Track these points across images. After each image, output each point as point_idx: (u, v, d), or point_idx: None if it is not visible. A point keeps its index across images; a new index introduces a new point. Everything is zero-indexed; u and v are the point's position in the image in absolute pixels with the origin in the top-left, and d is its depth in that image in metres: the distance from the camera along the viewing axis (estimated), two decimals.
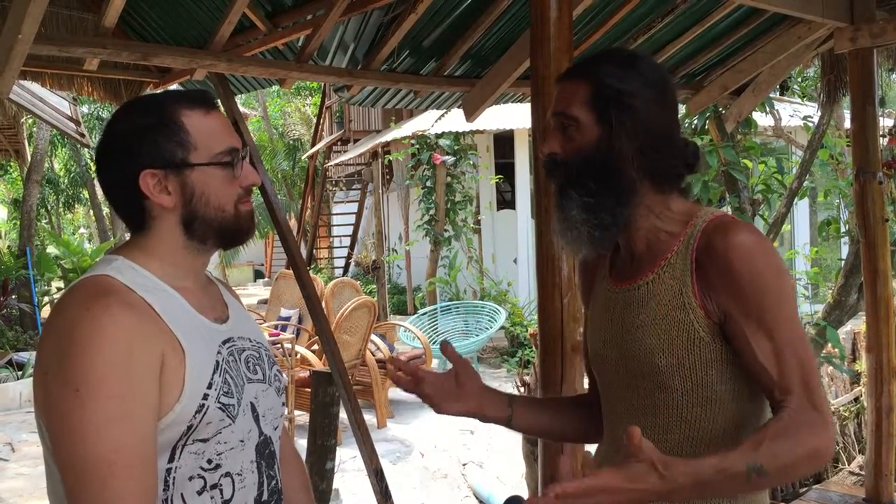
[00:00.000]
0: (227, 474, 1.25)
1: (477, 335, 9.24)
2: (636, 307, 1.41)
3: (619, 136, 1.37)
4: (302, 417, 6.22)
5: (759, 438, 1.23)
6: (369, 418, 4.93)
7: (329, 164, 16.93)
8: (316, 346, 7.02)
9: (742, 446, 1.23)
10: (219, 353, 1.28)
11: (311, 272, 5.79)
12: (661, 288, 1.38)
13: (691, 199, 1.49)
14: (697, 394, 1.36)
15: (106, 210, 17.19)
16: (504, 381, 8.57)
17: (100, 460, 1.10)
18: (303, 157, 19.27)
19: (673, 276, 1.37)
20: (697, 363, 1.35)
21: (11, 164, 14.91)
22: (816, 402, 1.27)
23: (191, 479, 1.22)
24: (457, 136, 11.20)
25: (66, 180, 19.75)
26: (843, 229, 5.88)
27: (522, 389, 4.48)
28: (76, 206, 21.98)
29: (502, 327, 9.45)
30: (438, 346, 1.62)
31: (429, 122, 10.83)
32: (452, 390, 1.58)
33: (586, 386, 1.70)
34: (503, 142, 12.64)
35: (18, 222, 12.97)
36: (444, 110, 4.92)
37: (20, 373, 8.26)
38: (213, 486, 1.24)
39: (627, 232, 1.43)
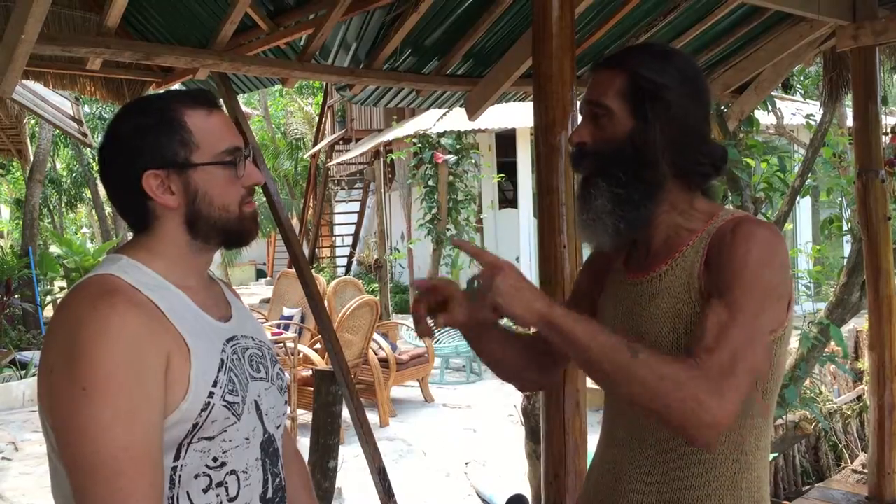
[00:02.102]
0: (233, 472, 1.26)
1: None
2: (647, 300, 1.40)
3: (653, 130, 1.36)
4: (305, 416, 6.23)
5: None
6: (372, 417, 4.94)
7: (331, 163, 16.94)
8: (318, 345, 7.03)
9: None
10: (223, 351, 1.28)
11: (313, 271, 5.79)
12: (673, 280, 1.37)
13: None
14: None
15: (108, 209, 17.22)
16: None
17: (107, 459, 1.11)
18: (305, 157, 19.29)
19: (684, 269, 1.37)
20: None
21: (14, 163, 14.93)
22: (726, 379, 1.20)
23: (196, 477, 1.22)
24: (459, 134, 11.20)
25: (68, 180, 19.81)
26: (845, 227, 5.87)
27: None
28: (78, 205, 22.06)
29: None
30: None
31: (431, 121, 10.83)
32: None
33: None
34: (505, 141, 12.64)
35: (21, 222, 13.00)
36: (447, 109, 4.92)
37: (23, 372, 8.28)
38: (219, 484, 1.24)
39: (648, 227, 1.42)
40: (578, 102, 2.38)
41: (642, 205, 1.38)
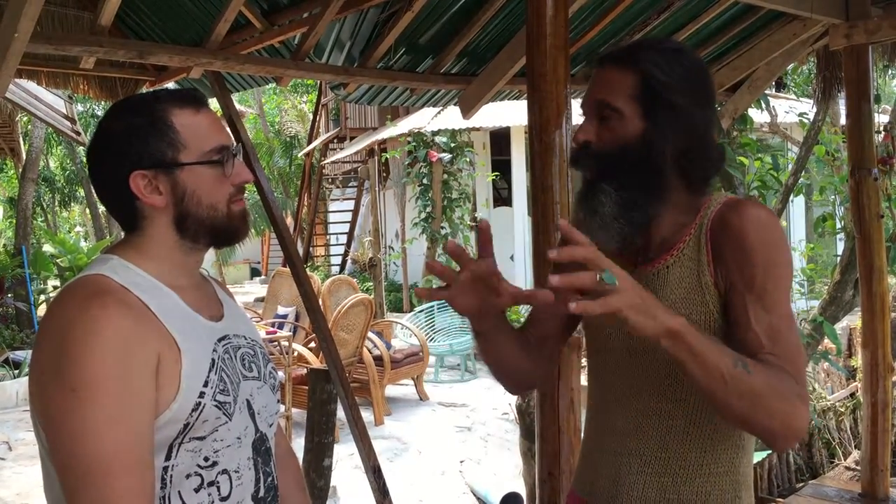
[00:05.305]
0: (225, 471, 1.26)
1: None
2: (654, 292, 1.37)
3: (662, 135, 1.34)
4: (300, 415, 6.22)
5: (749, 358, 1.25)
6: (367, 416, 4.94)
7: (325, 161, 16.93)
8: (313, 344, 7.02)
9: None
10: (214, 350, 1.28)
11: (307, 270, 5.79)
12: (679, 271, 1.37)
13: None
14: None
15: (102, 208, 17.18)
16: None
17: (98, 460, 1.10)
18: (299, 155, 19.27)
19: (690, 258, 1.37)
20: None
21: (7, 162, 14.90)
22: (802, 379, 1.28)
23: (188, 476, 1.22)
24: (453, 133, 11.20)
25: (61, 178, 19.75)
26: (838, 225, 5.89)
27: None
28: (72, 204, 21.99)
29: None
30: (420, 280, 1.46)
31: (425, 119, 10.84)
32: (476, 291, 1.34)
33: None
34: (499, 139, 12.65)
35: (14, 221, 12.94)
36: (441, 108, 4.92)
37: (17, 371, 8.26)
38: (211, 484, 1.24)
39: (648, 224, 1.41)
40: (573, 100, 2.40)
41: (647, 208, 1.37)
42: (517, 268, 11.78)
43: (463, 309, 1.36)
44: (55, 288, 12.17)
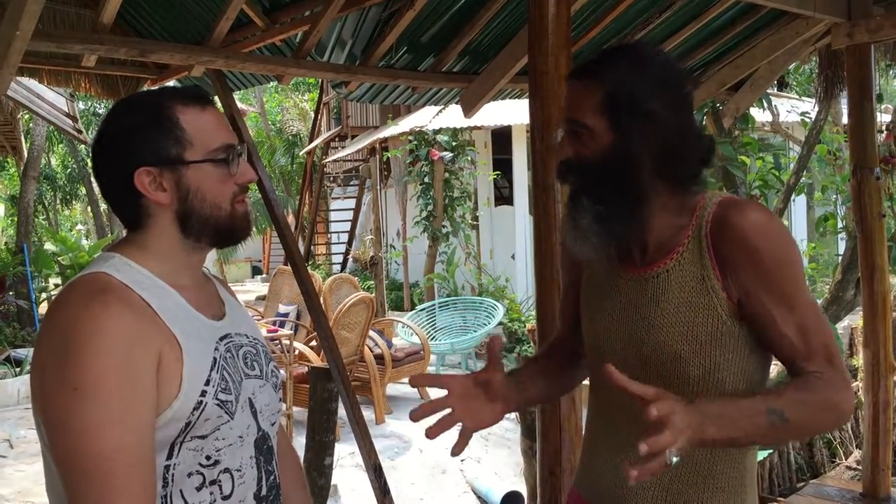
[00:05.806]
0: (227, 470, 1.25)
1: (475, 331, 9.24)
2: (655, 296, 1.39)
3: (632, 143, 1.34)
4: (300, 413, 6.22)
5: (782, 389, 1.27)
6: (367, 414, 4.94)
7: (327, 160, 16.92)
8: (314, 343, 7.02)
9: (763, 394, 1.28)
10: (216, 349, 1.28)
11: (309, 268, 5.78)
12: (682, 275, 1.37)
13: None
14: (713, 377, 1.35)
15: (103, 206, 17.19)
16: None
17: (100, 459, 1.10)
18: (300, 154, 19.26)
19: (692, 262, 1.37)
20: (718, 348, 1.34)
21: (8, 160, 14.89)
22: (837, 363, 1.31)
23: (189, 475, 1.22)
24: (455, 132, 11.20)
25: (63, 177, 19.76)
26: (840, 225, 5.89)
27: None
28: (74, 202, 22.00)
29: (500, 323, 9.46)
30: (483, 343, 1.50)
31: (427, 118, 10.83)
32: (479, 397, 1.46)
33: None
34: (501, 138, 12.63)
35: (16, 219, 12.95)
36: (442, 106, 4.92)
37: (18, 369, 8.26)
38: (213, 482, 1.24)
39: (641, 229, 1.41)
40: None
41: (627, 219, 1.37)
42: (518, 266, 11.77)
43: (487, 420, 1.47)
44: (56, 286, 12.18)
